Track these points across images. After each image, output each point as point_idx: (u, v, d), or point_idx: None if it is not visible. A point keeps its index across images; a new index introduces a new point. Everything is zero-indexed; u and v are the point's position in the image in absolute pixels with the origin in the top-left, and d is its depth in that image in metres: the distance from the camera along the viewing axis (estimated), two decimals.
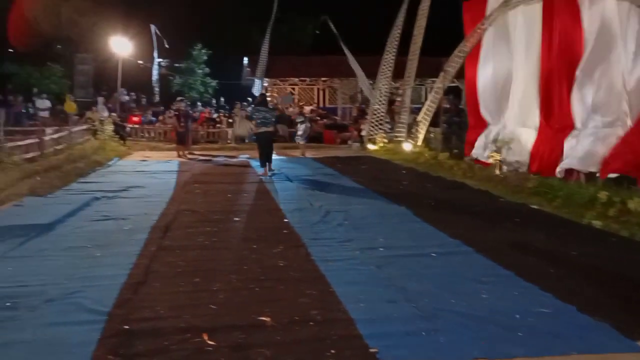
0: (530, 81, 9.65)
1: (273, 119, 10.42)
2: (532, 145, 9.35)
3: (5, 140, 10.30)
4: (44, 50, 24.31)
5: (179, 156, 13.89)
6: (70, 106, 18.93)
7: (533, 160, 9.32)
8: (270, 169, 10.28)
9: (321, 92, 24.72)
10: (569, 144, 8.31)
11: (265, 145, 10.29)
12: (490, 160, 9.88)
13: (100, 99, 19.68)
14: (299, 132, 14.26)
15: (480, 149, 10.47)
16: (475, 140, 11.02)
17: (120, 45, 19.61)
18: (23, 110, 18.74)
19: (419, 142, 13.90)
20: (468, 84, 12.13)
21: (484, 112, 10.94)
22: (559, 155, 8.51)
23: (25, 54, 22.90)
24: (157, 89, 24.80)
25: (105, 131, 15.18)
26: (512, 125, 10.06)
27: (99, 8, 23.73)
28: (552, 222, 6.12)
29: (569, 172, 8.28)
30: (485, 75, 11.02)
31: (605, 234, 5.56)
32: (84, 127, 15.56)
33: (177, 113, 14.27)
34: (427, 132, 13.99)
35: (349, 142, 17.60)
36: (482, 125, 11.11)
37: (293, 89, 24.09)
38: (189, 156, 14.16)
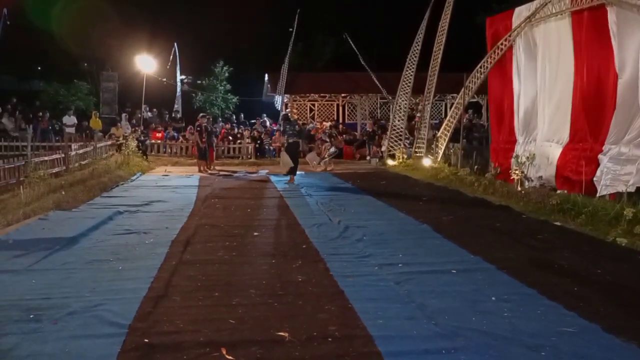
0: (561, 97, 9.48)
1: (297, 131, 12.10)
2: (558, 161, 9.19)
3: (33, 155, 10.48)
4: (71, 67, 24.98)
5: (200, 171, 13.95)
6: (96, 123, 19.34)
7: (559, 176, 9.19)
8: (292, 180, 11.17)
9: (341, 108, 24.80)
10: (609, 162, 8.01)
11: (294, 155, 11.47)
12: (514, 176, 9.74)
13: (124, 115, 20.15)
14: (328, 153, 14.92)
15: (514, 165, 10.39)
16: (502, 156, 10.93)
17: (145, 63, 20.05)
18: (49, 127, 19.15)
19: (439, 158, 13.79)
20: (493, 100, 12.05)
21: (516, 128, 10.77)
22: (588, 172, 8.34)
23: (52, 71, 23.52)
24: (179, 106, 25.22)
25: (129, 147, 15.72)
26: (539, 141, 9.93)
27: (126, 29, 24.34)
28: (576, 240, 5.99)
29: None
30: (516, 91, 10.87)
31: (631, 252, 5.44)
32: (109, 142, 15.83)
33: (199, 129, 14.35)
34: (447, 147, 13.89)
35: (368, 157, 17.60)
36: (509, 141, 11.01)
37: (313, 104, 24.27)
38: (210, 171, 14.20)
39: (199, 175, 13.03)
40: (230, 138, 18.98)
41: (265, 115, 22.98)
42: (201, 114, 15.72)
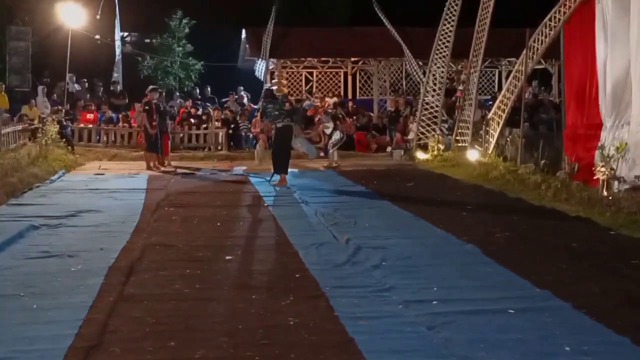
0: None
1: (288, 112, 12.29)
2: None
3: None
4: None
5: (150, 168, 13.97)
6: (0, 99, 19.30)
7: None
8: (283, 181, 11.55)
9: (350, 79, 24.70)
10: None
11: (285, 144, 11.67)
12: (598, 176, 9.74)
13: (41, 89, 19.75)
14: (331, 141, 14.65)
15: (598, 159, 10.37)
16: (580, 147, 10.92)
17: (71, 14, 19.91)
18: None
19: (490, 149, 13.75)
20: (568, 67, 11.98)
21: (601, 107, 10.80)
22: None
23: None
24: (119, 75, 25.13)
25: (48, 133, 15.53)
26: (635, 125, 9.93)
27: None
28: None
29: None
30: (600, 55, 10.86)
31: None
32: (18, 127, 15.57)
33: (147, 108, 14.27)
34: (502, 134, 13.86)
35: (389, 148, 17.47)
36: (591, 125, 11.07)
37: (310, 73, 24.16)
38: (164, 168, 14.20)
39: (148, 174, 13.06)
40: (193, 121, 18.80)
41: (242, 88, 22.75)
42: (151, 87, 15.56)
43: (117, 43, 25.58)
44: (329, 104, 21.00)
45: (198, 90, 23.65)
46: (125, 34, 26.47)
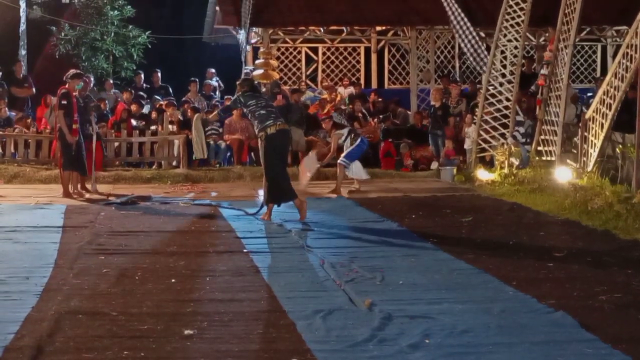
0: None
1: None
2: None
3: None
4: None
5: (69, 195, 13.85)
6: None
7: None
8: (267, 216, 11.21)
9: (374, 58, 24.58)
10: None
11: (279, 159, 11.51)
12: None
13: None
14: (349, 150, 14.66)
15: None
16: None
17: None
18: None
19: (590, 165, 13.27)
20: None
21: None
22: None
23: None
24: (24, 53, 25.21)
25: None
26: None
27: None
28: None
29: None
30: None
31: None
32: None
33: (64, 103, 14.02)
34: (608, 141, 13.42)
35: (435, 164, 17.15)
36: None
37: (314, 50, 24.11)
38: (90, 195, 14.10)
39: (66, 204, 12.85)
40: (135, 123, 18.23)
41: (213, 71, 22.92)
42: (72, 72, 15.46)
43: (23, 7, 25.71)
44: (343, 96, 20.92)
45: (143, 77, 23.42)
46: None
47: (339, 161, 14.47)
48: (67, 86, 14.01)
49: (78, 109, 13.83)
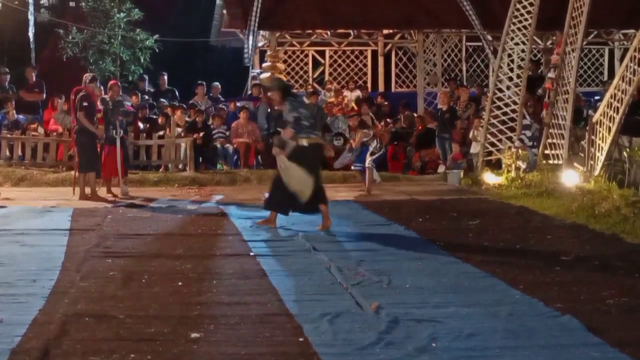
0: None
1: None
2: None
3: None
4: None
5: (85, 197, 14.16)
6: None
7: None
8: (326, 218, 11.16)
9: (381, 61, 24.71)
10: None
11: (314, 171, 11.12)
12: None
13: None
14: (369, 154, 14.87)
15: None
16: None
17: None
18: None
19: (598, 169, 13.50)
20: None
21: None
22: None
23: None
24: (32, 54, 24.92)
25: None
26: None
27: None
28: None
29: None
30: None
31: None
32: None
33: (86, 104, 14.13)
34: (616, 145, 13.69)
35: (442, 167, 17.35)
36: None
37: (321, 53, 24.13)
38: (116, 197, 14.42)
39: (73, 209, 12.86)
40: (142, 126, 18.50)
41: (219, 88, 22.63)
42: (90, 75, 15.66)
43: (31, 9, 25.74)
44: (349, 99, 20.98)
45: (147, 82, 23.88)
46: None
47: (367, 165, 14.99)
48: (86, 88, 14.52)
49: (105, 112, 13.73)
